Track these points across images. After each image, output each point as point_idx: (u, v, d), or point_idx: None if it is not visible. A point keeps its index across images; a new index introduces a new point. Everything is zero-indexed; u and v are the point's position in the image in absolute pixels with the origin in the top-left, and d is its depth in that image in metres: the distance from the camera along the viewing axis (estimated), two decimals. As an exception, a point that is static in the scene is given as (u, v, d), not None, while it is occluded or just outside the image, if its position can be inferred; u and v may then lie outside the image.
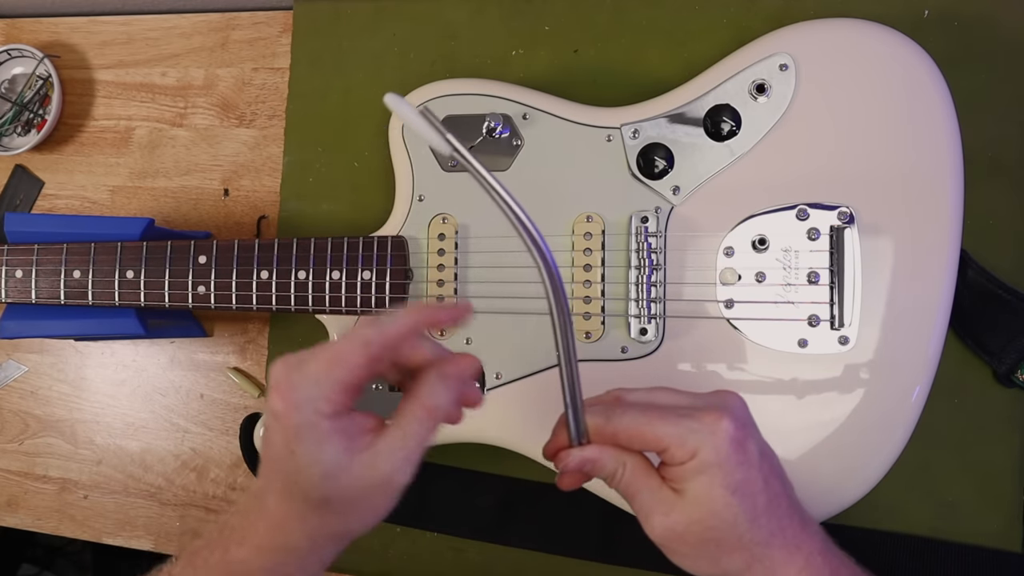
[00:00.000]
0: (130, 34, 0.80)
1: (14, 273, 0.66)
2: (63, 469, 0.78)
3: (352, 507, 0.41)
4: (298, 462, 0.40)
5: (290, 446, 0.39)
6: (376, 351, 0.40)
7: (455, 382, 0.42)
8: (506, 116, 0.61)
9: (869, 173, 0.55)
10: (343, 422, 0.40)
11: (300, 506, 0.41)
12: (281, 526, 0.42)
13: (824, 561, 0.43)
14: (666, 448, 0.42)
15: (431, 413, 0.41)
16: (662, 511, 0.43)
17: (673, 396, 0.46)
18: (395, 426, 0.41)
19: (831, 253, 0.55)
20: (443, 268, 0.61)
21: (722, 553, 0.43)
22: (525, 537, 0.64)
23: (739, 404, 0.45)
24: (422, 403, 0.42)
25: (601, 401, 0.46)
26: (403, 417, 0.42)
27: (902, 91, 0.55)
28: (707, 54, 0.61)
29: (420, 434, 0.41)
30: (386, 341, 0.40)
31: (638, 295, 0.58)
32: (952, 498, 0.58)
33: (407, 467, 0.41)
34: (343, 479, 0.40)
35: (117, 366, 0.77)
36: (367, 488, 0.40)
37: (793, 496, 0.46)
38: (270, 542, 0.42)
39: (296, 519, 0.42)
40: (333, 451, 0.39)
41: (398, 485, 0.41)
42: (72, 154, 0.80)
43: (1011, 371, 0.57)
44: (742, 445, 0.42)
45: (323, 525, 0.42)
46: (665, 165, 0.58)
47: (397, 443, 0.41)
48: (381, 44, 0.71)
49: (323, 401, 0.39)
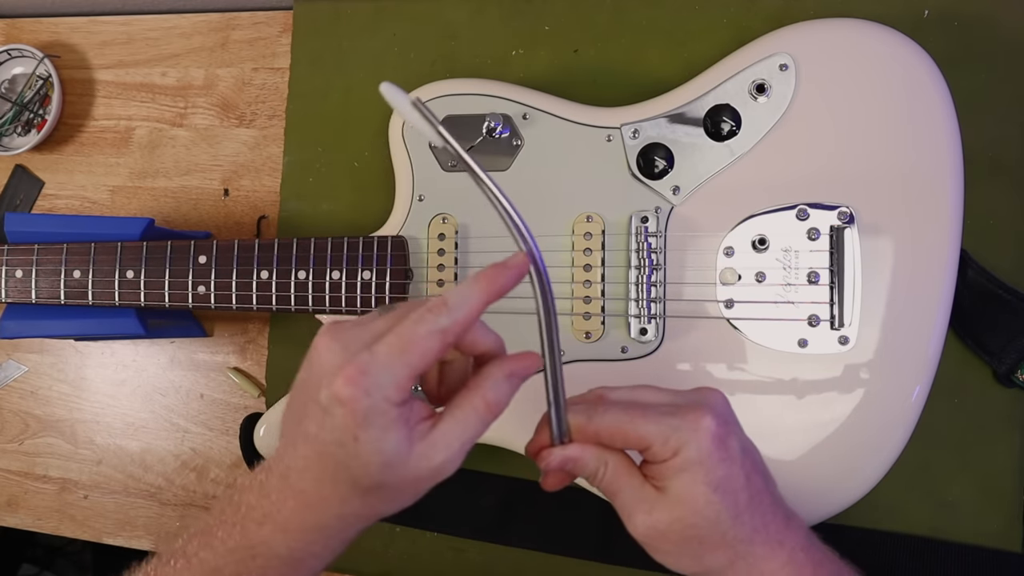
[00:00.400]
0: (130, 34, 0.80)
1: (14, 273, 0.66)
2: (63, 469, 0.78)
3: (399, 494, 0.41)
4: (359, 448, 0.38)
5: (354, 432, 0.38)
6: (452, 339, 0.39)
7: (518, 380, 0.42)
8: (506, 116, 0.61)
9: (869, 173, 0.55)
10: (407, 410, 0.39)
11: (345, 490, 0.40)
12: (315, 507, 0.41)
13: (807, 557, 0.43)
14: (648, 446, 0.42)
15: (491, 408, 0.41)
16: (644, 509, 0.43)
17: (656, 394, 0.46)
18: (452, 417, 0.40)
19: (831, 253, 0.55)
20: (443, 268, 0.61)
21: (705, 550, 0.43)
22: (525, 537, 0.64)
23: (721, 401, 0.45)
24: (484, 397, 0.40)
25: (584, 400, 0.46)
26: (461, 409, 0.40)
27: (902, 91, 0.55)
28: (707, 54, 0.61)
29: (477, 427, 0.40)
30: (463, 329, 0.39)
31: (638, 295, 0.58)
32: (952, 498, 0.58)
33: (460, 458, 0.40)
34: (400, 469, 0.39)
35: (117, 366, 0.77)
36: (419, 478, 0.40)
37: (776, 492, 0.46)
38: (299, 523, 0.41)
39: (336, 502, 0.41)
40: (396, 440, 0.38)
41: (447, 474, 0.40)
42: (72, 154, 0.80)
43: (1011, 371, 0.57)
44: (724, 442, 0.42)
45: (363, 508, 0.41)
46: (665, 165, 0.58)
47: (454, 434, 0.40)
48: (381, 44, 0.71)
49: (394, 389, 0.38)
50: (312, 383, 0.39)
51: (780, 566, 0.43)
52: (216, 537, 0.43)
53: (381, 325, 0.40)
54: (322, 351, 0.39)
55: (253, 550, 0.42)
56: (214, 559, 0.42)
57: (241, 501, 0.43)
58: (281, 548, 0.42)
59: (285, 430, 0.42)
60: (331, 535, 0.42)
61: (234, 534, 0.42)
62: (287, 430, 0.42)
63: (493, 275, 0.40)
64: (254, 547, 0.42)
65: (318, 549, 0.42)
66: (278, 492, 0.42)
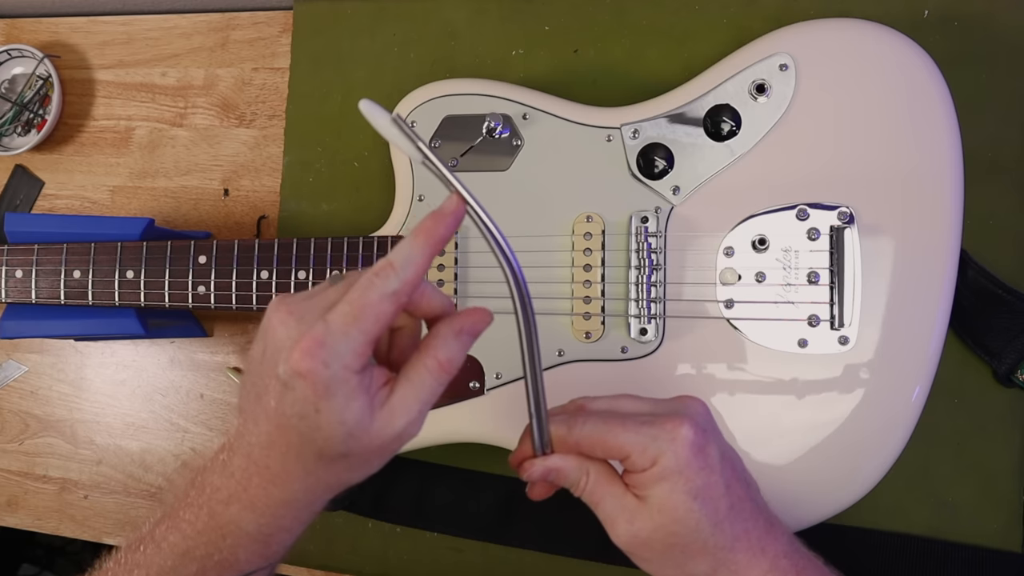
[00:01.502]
0: (130, 34, 0.80)
1: (14, 273, 0.66)
2: (63, 469, 0.78)
3: (364, 462, 0.41)
4: (322, 420, 0.38)
5: (316, 404, 0.38)
6: (404, 300, 0.39)
7: (468, 338, 0.41)
8: (506, 116, 0.61)
9: (869, 173, 0.55)
10: (367, 377, 0.39)
11: (310, 462, 0.40)
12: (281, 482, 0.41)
13: (790, 563, 0.44)
14: (628, 455, 0.43)
15: (443, 366, 0.40)
16: (626, 518, 0.43)
17: (635, 403, 0.46)
18: (407, 380, 0.40)
19: (831, 253, 0.55)
20: (443, 268, 0.61)
21: (687, 558, 0.43)
22: (525, 537, 0.64)
23: (700, 409, 0.45)
24: (435, 356, 0.40)
25: (565, 411, 0.46)
26: (416, 371, 0.40)
27: (902, 91, 0.55)
28: (707, 54, 0.61)
29: (433, 388, 0.40)
30: (412, 288, 0.39)
31: (638, 295, 0.58)
32: (952, 498, 0.58)
33: (420, 421, 0.40)
34: (363, 438, 0.39)
35: (117, 366, 0.77)
36: (382, 445, 0.40)
37: (758, 499, 0.46)
38: (266, 499, 0.41)
39: (302, 474, 0.40)
40: (358, 409, 0.38)
41: (409, 438, 0.40)
42: (72, 154, 0.80)
43: (1011, 371, 0.57)
44: (703, 450, 0.43)
45: (329, 477, 0.41)
46: (665, 165, 0.58)
47: (412, 397, 0.40)
48: (381, 44, 0.71)
49: (352, 357, 0.38)
50: (269, 358, 0.39)
51: (762, 573, 0.43)
52: (183, 520, 0.42)
53: (332, 295, 0.39)
54: (276, 325, 0.39)
55: (222, 530, 0.42)
56: (183, 542, 0.42)
57: (205, 482, 0.42)
58: (250, 526, 0.41)
59: (243, 407, 0.42)
60: (299, 508, 0.42)
61: (201, 516, 0.42)
62: (245, 407, 0.41)
63: (431, 226, 0.39)
64: (223, 527, 0.42)
65: (287, 523, 0.42)
66: (242, 471, 0.41)
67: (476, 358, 0.60)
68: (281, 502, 0.41)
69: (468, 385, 0.60)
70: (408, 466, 0.67)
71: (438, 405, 0.42)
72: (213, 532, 0.42)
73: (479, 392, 0.60)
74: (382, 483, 0.66)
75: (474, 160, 0.61)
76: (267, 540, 0.42)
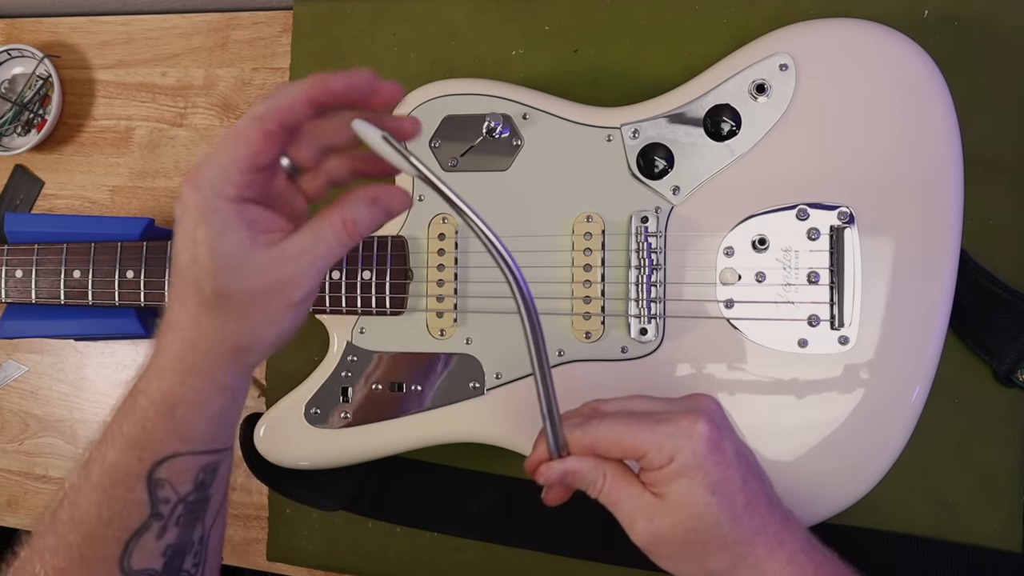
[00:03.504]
0: (130, 34, 0.80)
1: (14, 273, 0.66)
2: (63, 469, 0.78)
3: (248, 310, 0.40)
4: (199, 250, 0.38)
5: (193, 233, 0.38)
6: (271, 125, 0.38)
7: (381, 212, 0.41)
8: (506, 116, 0.61)
9: (869, 173, 0.55)
10: (249, 212, 0.39)
11: (194, 307, 0.40)
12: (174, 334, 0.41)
13: (808, 557, 0.44)
14: (644, 454, 0.43)
15: (347, 226, 0.40)
16: (645, 516, 0.43)
17: (649, 403, 0.46)
18: (307, 229, 0.40)
19: (831, 253, 0.55)
20: (443, 268, 0.61)
21: (707, 554, 0.43)
22: (525, 537, 0.64)
23: (714, 406, 0.46)
24: (342, 214, 0.40)
25: (580, 414, 0.46)
26: (319, 222, 0.40)
27: (902, 91, 0.55)
28: (707, 54, 0.61)
29: (331, 244, 0.40)
30: (279, 113, 0.39)
31: (638, 295, 0.58)
32: (952, 498, 0.58)
33: (312, 273, 0.40)
34: (241, 274, 0.38)
35: (117, 366, 0.77)
36: (266, 289, 0.39)
37: (773, 494, 0.46)
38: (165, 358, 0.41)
39: (189, 323, 0.40)
40: (235, 240, 0.38)
41: (299, 293, 0.40)
42: (72, 154, 0.80)
43: (1011, 371, 0.57)
44: (718, 446, 0.43)
45: (217, 330, 0.40)
46: (665, 165, 0.58)
47: (305, 245, 0.39)
48: (381, 44, 0.71)
49: (225, 182, 0.38)
50: None
51: (781, 567, 0.43)
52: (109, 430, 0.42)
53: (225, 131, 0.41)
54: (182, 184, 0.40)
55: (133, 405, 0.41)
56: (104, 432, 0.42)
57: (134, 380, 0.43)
58: (154, 392, 0.41)
59: None
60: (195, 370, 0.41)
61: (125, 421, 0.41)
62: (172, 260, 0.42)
63: (324, 75, 0.39)
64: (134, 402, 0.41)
65: (184, 390, 0.41)
66: (156, 339, 0.42)
67: (476, 358, 0.60)
68: (176, 358, 0.41)
69: (468, 385, 0.60)
70: (408, 466, 0.67)
71: None
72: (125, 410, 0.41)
73: (479, 392, 0.60)
74: (382, 483, 0.66)
75: (474, 160, 0.61)
76: (170, 411, 0.41)
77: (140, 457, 0.41)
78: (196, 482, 0.42)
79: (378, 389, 0.61)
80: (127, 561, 0.41)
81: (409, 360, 0.61)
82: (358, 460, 0.63)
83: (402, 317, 0.62)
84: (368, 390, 0.62)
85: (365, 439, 0.61)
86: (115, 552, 0.40)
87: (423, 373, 0.61)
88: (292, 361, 0.69)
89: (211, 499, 0.43)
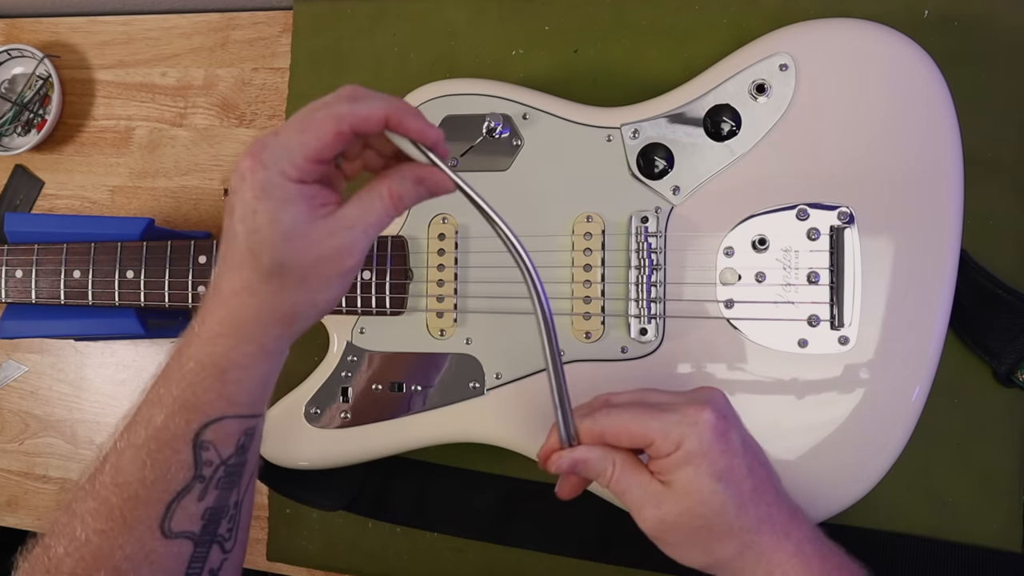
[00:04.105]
0: (130, 34, 0.80)
1: (14, 273, 0.66)
2: (63, 469, 0.78)
3: (304, 279, 0.41)
4: (259, 221, 0.39)
5: (254, 205, 0.39)
6: (346, 128, 0.40)
7: (425, 190, 0.43)
8: (506, 116, 0.61)
9: (869, 173, 0.55)
10: (308, 189, 0.40)
11: (252, 276, 0.41)
12: (227, 301, 0.42)
13: (814, 549, 0.44)
14: (652, 442, 0.44)
15: (393, 197, 0.42)
16: (653, 503, 0.44)
17: (657, 395, 0.48)
18: (357, 199, 0.42)
19: (831, 253, 0.55)
20: (443, 268, 0.61)
21: (713, 541, 0.44)
22: (525, 537, 0.64)
23: (720, 397, 0.47)
24: (389, 187, 0.42)
25: (591, 406, 0.48)
26: (368, 193, 0.42)
27: (902, 91, 0.55)
28: (707, 54, 0.61)
29: (379, 214, 0.42)
30: (357, 120, 0.40)
31: (638, 295, 0.58)
32: (952, 498, 0.58)
33: (364, 240, 0.41)
34: (300, 244, 0.40)
35: (117, 366, 0.77)
36: (321, 258, 0.41)
37: (780, 486, 0.47)
38: (216, 324, 0.42)
39: (243, 290, 0.41)
40: (294, 212, 0.40)
41: (352, 260, 0.41)
42: (72, 154, 0.80)
43: (1011, 371, 0.57)
44: (725, 435, 0.44)
45: (272, 297, 0.41)
46: (665, 165, 0.58)
47: (356, 216, 0.41)
48: (381, 44, 0.71)
49: (290, 165, 0.40)
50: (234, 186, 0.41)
51: (787, 557, 0.43)
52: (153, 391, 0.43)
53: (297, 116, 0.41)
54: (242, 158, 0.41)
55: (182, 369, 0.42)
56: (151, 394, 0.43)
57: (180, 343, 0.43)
58: (204, 356, 0.42)
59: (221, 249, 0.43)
60: (247, 336, 0.42)
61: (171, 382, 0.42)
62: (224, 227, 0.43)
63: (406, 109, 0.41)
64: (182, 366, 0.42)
65: (237, 355, 0.42)
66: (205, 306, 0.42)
67: (476, 358, 0.60)
68: (230, 323, 0.42)
69: (468, 385, 0.60)
70: (408, 466, 0.67)
71: None
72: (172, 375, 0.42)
73: (479, 392, 0.60)
74: (382, 483, 0.66)
75: (474, 160, 0.61)
76: (221, 375, 0.42)
77: (188, 419, 0.42)
78: (238, 445, 0.43)
79: (378, 389, 0.61)
80: (167, 523, 0.42)
81: (409, 360, 0.61)
82: (358, 460, 0.63)
83: (402, 317, 0.62)
84: (368, 390, 0.62)
85: (365, 439, 0.61)
86: (157, 513, 0.41)
87: (423, 373, 0.61)
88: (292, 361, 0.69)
89: (247, 463, 0.45)
